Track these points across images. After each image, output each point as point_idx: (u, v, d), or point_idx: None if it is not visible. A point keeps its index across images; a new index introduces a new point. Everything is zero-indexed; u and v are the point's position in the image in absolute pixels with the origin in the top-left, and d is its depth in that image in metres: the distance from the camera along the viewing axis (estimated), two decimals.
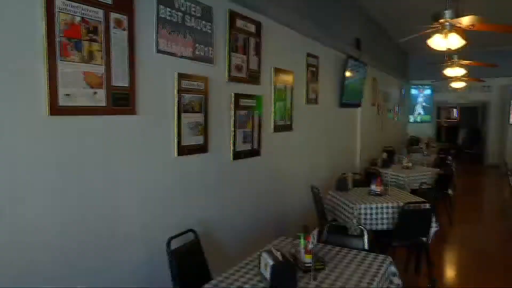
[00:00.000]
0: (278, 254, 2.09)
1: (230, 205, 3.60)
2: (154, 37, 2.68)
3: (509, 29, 4.06)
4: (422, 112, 13.15)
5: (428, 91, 12.93)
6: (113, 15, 2.36)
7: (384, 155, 6.58)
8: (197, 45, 3.04)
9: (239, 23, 3.56)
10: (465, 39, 4.22)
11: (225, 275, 2.25)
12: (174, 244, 2.51)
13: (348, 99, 6.40)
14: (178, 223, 2.89)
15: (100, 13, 2.28)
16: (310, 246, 2.22)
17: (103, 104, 2.33)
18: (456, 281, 4.31)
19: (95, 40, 2.26)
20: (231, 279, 2.19)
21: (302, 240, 2.29)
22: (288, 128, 4.58)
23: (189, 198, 3.11)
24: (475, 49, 8.74)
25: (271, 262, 2.02)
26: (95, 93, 2.28)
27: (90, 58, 2.23)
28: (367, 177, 5.24)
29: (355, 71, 6.47)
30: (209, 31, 3.17)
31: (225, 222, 3.53)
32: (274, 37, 4.21)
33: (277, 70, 4.24)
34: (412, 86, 12.93)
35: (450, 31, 3.98)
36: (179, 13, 2.87)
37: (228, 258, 3.01)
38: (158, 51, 2.71)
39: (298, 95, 4.81)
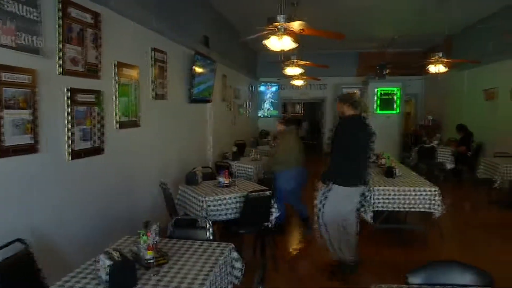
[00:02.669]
0: (116, 254, 2.04)
1: (70, 209, 3.35)
2: None
3: (331, 35, 4.66)
4: (270, 107, 14.23)
5: (275, 88, 14.03)
6: None
7: (234, 148, 6.90)
8: (20, 33, 2.72)
9: (74, 12, 3.30)
10: (297, 42, 4.69)
11: (59, 283, 2.09)
12: None
13: (198, 95, 6.51)
14: (4, 234, 2.56)
15: None
16: (151, 242, 2.21)
17: None
18: (297, 258, 4.81)
19: None
20: (67, 286, 2.05)
21: (142, 237, 2.27)
22: (134, 124, 4.45)
23: (16, 205, 2.79)
24: (311, 51, 9.84)
25: (108, 263, 1.96)
26: None
27: None
28: (218, 170, 5.45)
29: (204, 68, 6.62)
30: (36, 19, 2.87)
31: (65, 227, 3.26)
32: (116, 29, 4.03)
33: (120, 64, 4.07)
34: (261, 84, 13.86)
35: (284, 33, 4.38)
36: None
37: (71, 265, 2.78)
38: None
39: (145, 90, 4.71)
